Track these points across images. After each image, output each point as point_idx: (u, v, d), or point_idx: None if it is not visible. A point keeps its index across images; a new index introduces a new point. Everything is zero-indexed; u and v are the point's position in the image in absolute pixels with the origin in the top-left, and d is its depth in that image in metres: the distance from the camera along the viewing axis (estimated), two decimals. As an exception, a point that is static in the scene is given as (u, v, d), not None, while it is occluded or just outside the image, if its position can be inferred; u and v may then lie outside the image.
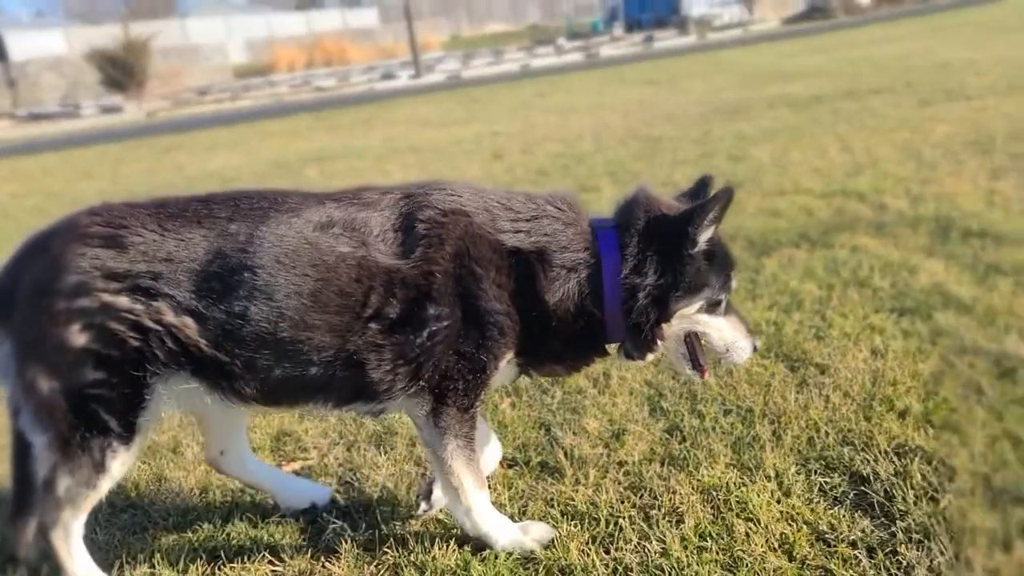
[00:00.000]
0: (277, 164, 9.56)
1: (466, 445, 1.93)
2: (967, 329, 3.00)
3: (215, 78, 32.58)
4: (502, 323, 1.84)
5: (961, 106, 8.46)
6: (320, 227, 1.79)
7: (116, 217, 1.80)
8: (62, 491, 1.83)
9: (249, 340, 1.77)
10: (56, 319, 1.73)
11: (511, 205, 1.90)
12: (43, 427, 1.79)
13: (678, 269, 1.88)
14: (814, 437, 2.40)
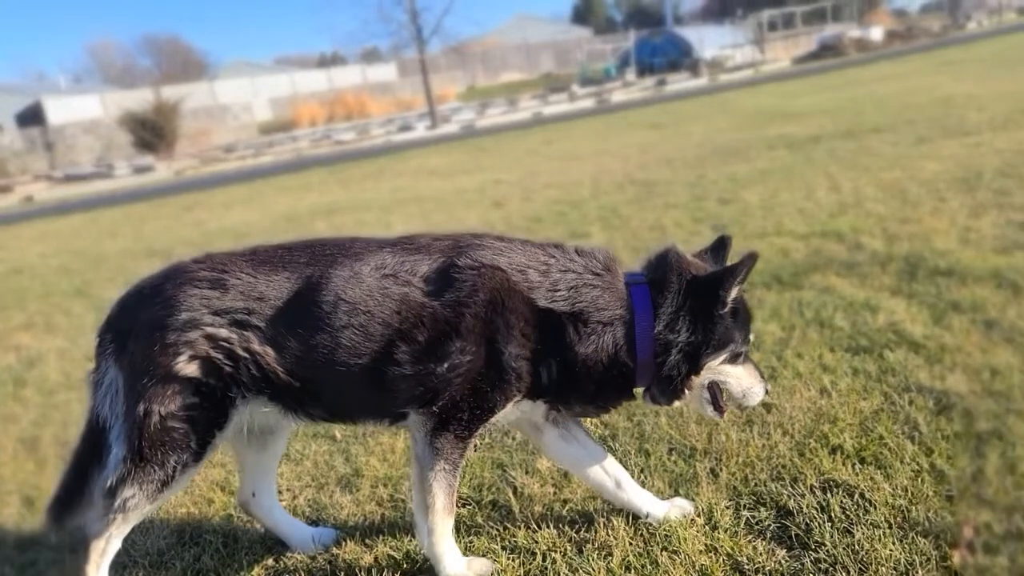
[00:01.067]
0: (287, 218, 9.95)
1: (451, 470, 2.09)
2: (914, 367, 3.10)
3: (241, 136, 33.90)
4: (520, 370, 2.02)
5: (956, 143, 8.56)
6: (375, 269, 2.04)
7: (218, 263, 2.11)
8: (121, 500, 2.04)
9: (315, 365, 2.02)
10: (168, 350, 2.00)
11: (548, 275, 2.05)
12: (129, 443, 2.02)
13: (708, 327, 2.04)
14: (749, 474, 2.51)
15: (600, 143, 14.91)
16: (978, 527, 2.06)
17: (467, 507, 2.57)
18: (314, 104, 36.90)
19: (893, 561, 1.98)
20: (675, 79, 33.65)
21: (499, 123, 25.17)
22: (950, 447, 2.47)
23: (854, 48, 33.78)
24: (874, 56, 30.49)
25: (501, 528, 2.41)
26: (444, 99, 38.87)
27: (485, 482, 2.70)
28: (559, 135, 17.93)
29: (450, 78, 44.31)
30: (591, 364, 2.03)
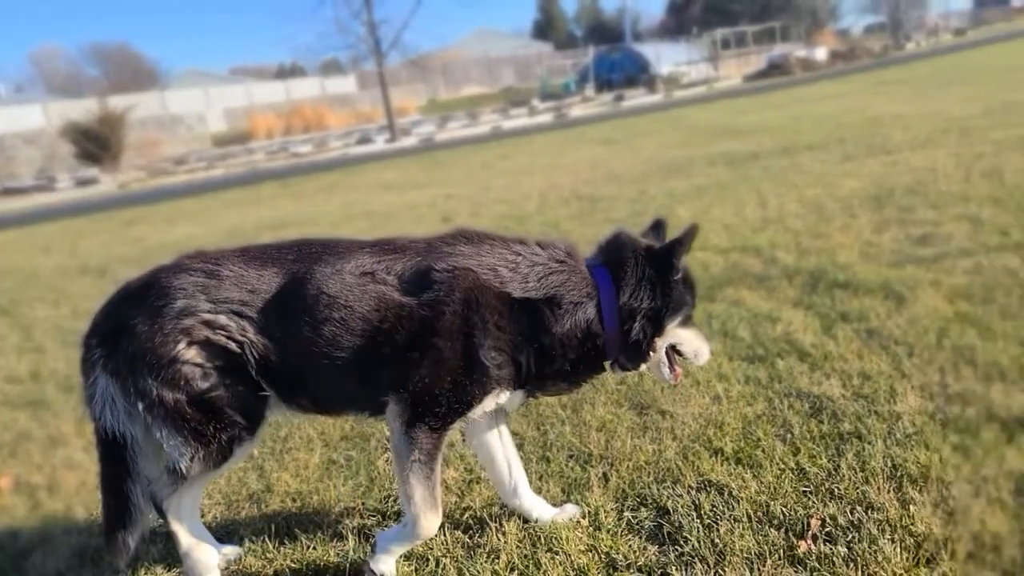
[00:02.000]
0: (232, 234, 9.94)
1: (427, 462, 2.19)
2: (798, 374, 3.35)
3: (193, 147, 33.35)
4: (497, 364, 2.16)
5: (877, 161, 9.03)
6: (356, 267, 2.16)
7: (211, 258, 2.22)
8: (189, 474, 2.17)
9: (301, 355, 2.14)
10: (167, 338, 2.08)
11: (520, 270, 2.22)
12: (176, 430, 2.11)
13: (666, 292, 2.26)
14: (636, 477, 2.71)
15: (554, 158, 15.20)
16: (824, 519, 2.29)
17: (375, 518, 2.70)
18: (271, 116, 36.57)
19: (747, 551, 2.19)
20: (632, 95, 34.35)
21: (459, 137, 25.37)
22: (815, 447, 2.71)
23: (800, 67, 34.96)
24: (818, 75, 31.61)
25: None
26: (405, 112, 38.92)
27: (394, 493, 2.84)
28: (515, 149, 18.20)
29: (411, 91, 44.40)
30: (567, 342, 2.21)
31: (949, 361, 3.25)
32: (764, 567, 2.12)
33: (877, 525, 2.21)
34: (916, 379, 3.13)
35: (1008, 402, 2.81)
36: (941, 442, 2.61)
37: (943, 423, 2.74)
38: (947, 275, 4.39)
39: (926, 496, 2.33)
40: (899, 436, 2.69)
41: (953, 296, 4.04)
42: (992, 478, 2.37)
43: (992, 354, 3.23)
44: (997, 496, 2.27)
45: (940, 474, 2.42)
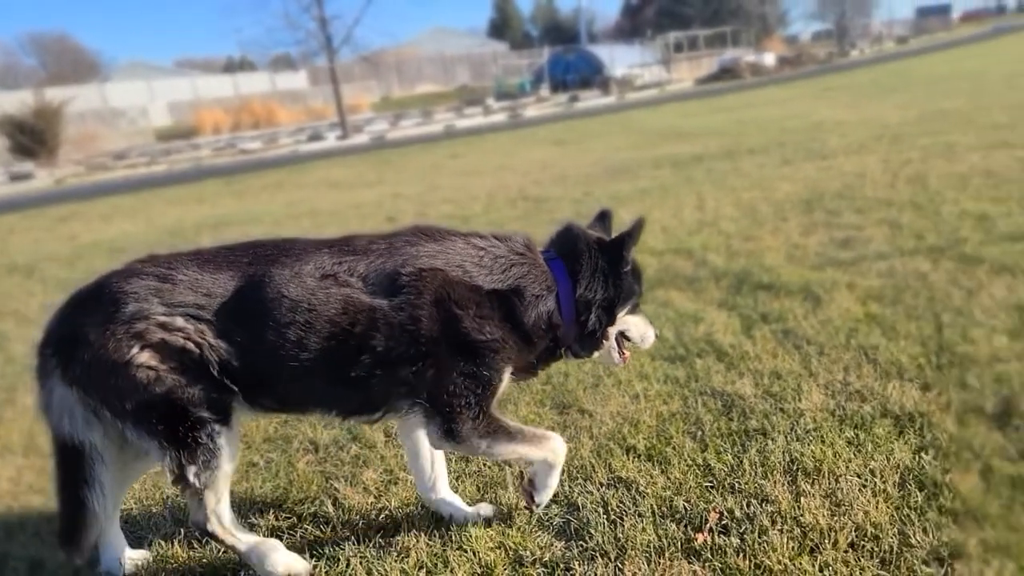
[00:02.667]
0: (171, 232, 9.72)
1: (494, 433, 2.25)
2: (715, 373, 3.46)
3: (136, 142, 32.33)
4: (495, 345, 2.22)
5: (813, 165, 9.34)
6: (316, 269, 2.16)
7: (163, 261, 2.20)
8: (193, 479, 2.15)
9: (262, 359, 2.14)
10: (120, 344, 2.05)
11: (483, 263, 2.28)
12: (148, 435, 2.12)
13: (617, 283, 2.37)
14: (550, 474, 2.77)
15: (505, 158, 15.26)
16: (722, 513, 2.39)
17: (289, 519, 2.70)
18: (218, 111, 35.72)
19: (647, 545, 2.27)
20: (587, 96, 34.68)
21: (411, 135, 25.23)
22: (722, 443, 2.81)
23: (749, 72, 35.85)
24: (766, 80, 32.47)
25: (315, 537, 2.55)
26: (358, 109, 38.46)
27: (310, 495, 2.84)
28: (467, 149, 18.20)
29: (364, 88, 43.92)
30: (534, 332, 2.30)
31: (854, 360, 3.40)
32: (662, 560, 2.20)
33: (769, 517, 2.32)
34: (822, 377, 3.27)
35: (902, 399, 2.96)
36: (837, 437, 2.74)
37: (841, 419, 2.87)
38: (863, 277, 4.59)
39: (817, 488, 2.44)
40: (799, 432, 2.82)
41: (866, 298, 4.22)
42: (879, 470, 2.50)
43: (893, 353, 3.40)
44: (882, 488, 2.40)
45: (832, 467, 2.54)
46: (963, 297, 4.02)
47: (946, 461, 2.51)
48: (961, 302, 3.94)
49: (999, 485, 2.35)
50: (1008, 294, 3.97)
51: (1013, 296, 3.92)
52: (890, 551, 2.11)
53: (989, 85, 17.19)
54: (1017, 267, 4.35)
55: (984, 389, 2.96)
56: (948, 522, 2.20)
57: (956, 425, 2.74)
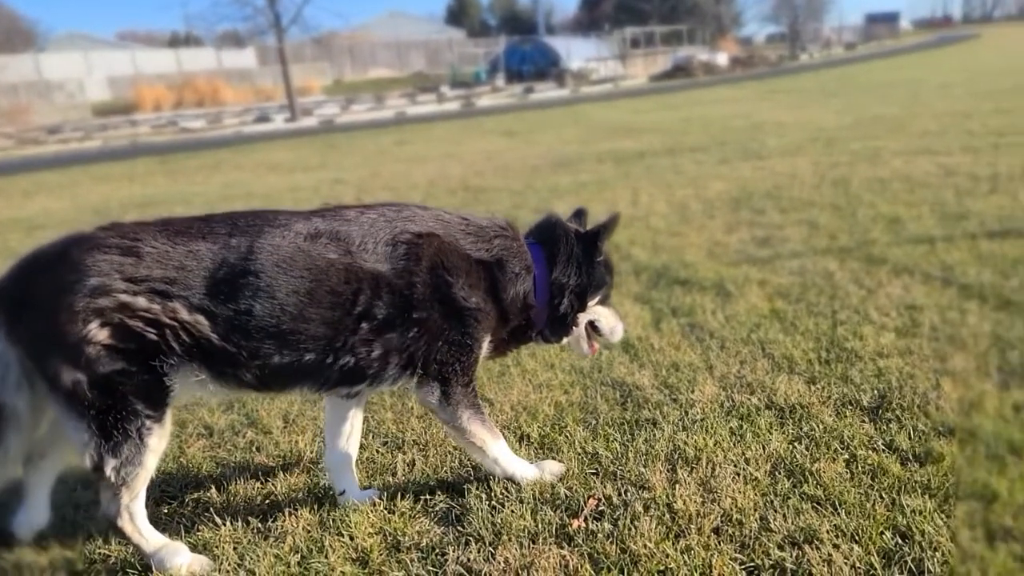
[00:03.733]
0: (96, 211, 9.37)
1: (476, 410, 2.40)
2: (619, 364, 3.53)
3: (72, 116, 31.01)
4: (476, 311, 2.29)
5: (749, 165, 9.56)
6: (310, 237, 2.14)
7: (129, 231, 2.09)
8: (111, 472, 2.07)
9: (255, 332, 2.09)
10: (77, 317, 1.96)
11: (470, 231, 2.36)
12: (78, 416, 2.02)
13: (590, 272, 2.49)
14: (440, 462, 2.78)
15: (452, 147, 15.17)
16: (600, 499, 2.44)
17: (169, 505, 2.65)
18: (160, 87, 34.49)
19: (523, 531, 2.30)
20: (542, 88, 34.71)
21: (361, 120, 24.85)
22: (613, 432, 2.87)
23: (702, 71, 36.46)
24: (717, 80, 33.07)
25: (194, 523, 2.51)
26: (308, 91, 37.69)
27: (197, 481, 2.79)
28: (416, 136, 18.03)
29: (316, 69, 43.02)
30: (511, 308, 2.37)
31: (751, 354, 3.51)
32: (536, 545, 2.24)
33: (643, 503, 2.38)
34: (718, 370, 3.36)
35: (787, 391, 3.07)
36: (721, 427, 2.83)
37: (728, 410, 2.97)
38: (774, 275, 4.73)
39: (694, 476, 2.52)
40: (687, 422, 2.89)
41: (773, 295, 4.36)
42: (754, 459, 2.59)
43: (788, 348, 3.52)
44: (754, 476, 2.49)
45: (711, 456, 2.62)
46: (862, 296, 4.19)
47: (817, 450, 2.62)
48: (859, 300, 4.10)
49: (861, 474, 2.46)
50: (904, 293, 4.15)
51: (907, 296, 4.10)
52: (750, 535, 2.19)
53: (925, 93, 17.88)
54: (916, 268, 4.55)
55: (864, 384, 3.09)
56: (808, 508, 2.29)
57: (833, 417, 2.86)
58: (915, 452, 2.55)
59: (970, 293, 4.03)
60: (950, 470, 2.41)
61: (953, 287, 4.15)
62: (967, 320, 3.66)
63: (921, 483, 2.37)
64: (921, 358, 3.29)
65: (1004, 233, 5.12)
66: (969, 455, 2.49)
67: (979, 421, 2.68)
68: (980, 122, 11.37)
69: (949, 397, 2.90)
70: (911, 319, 3.75)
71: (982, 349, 3.32)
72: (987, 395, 2.88)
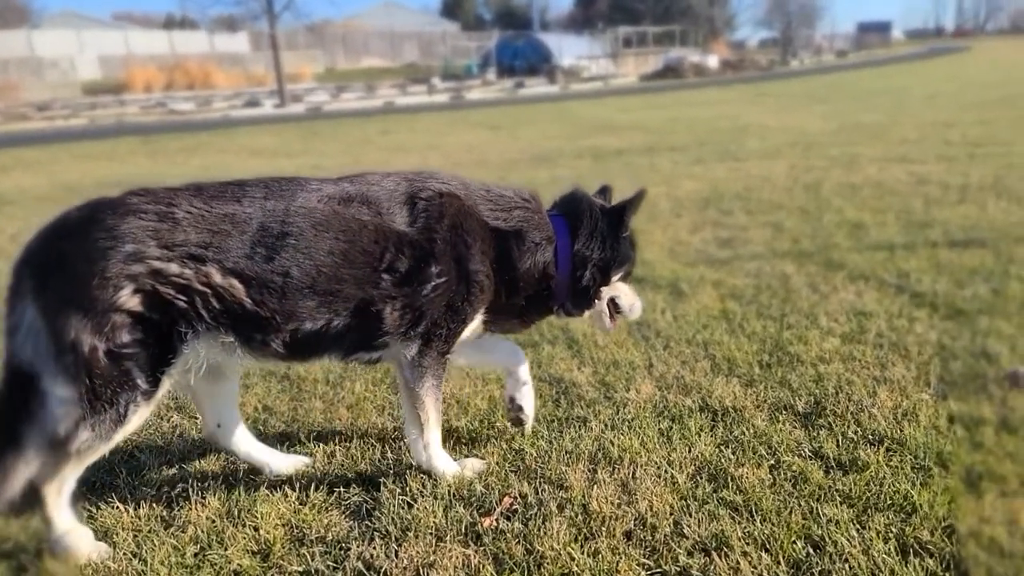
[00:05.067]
0: (69, 189, 9.20)
1: (437, 385, 2.38)
2: (560, 361, 3.46)
3: (62, 94, 30.61)
4: (483, 283, 2.31)
5: (725, 167, 9.53)
6: (343, 200, 2.17)
7: (163, 197, 2.07)
8: (76, 445, 2.00)
9: (291, 294, 2.10)
10: (109, 282, 1.94)
11: (491, 198, 2.38)
12: (74, 383, 1.95)
13: (615, 246, 2.49)
14: (363, 454, 2.71)
15: (435, 138, 15.07)
16: (516, 497, 2.37)
17: (80, 489, 2.55)
18: (152, 68, 34.14)
19: (431, 527, 2.24)
20: (532, 83, 34.60)
21: (350, 108, 24.67)
22: (543, 429, 2.81)
23: (692, 72, 36.46)
24: (707, 81, 33.09)
25: (97, 508, 2.42)
26: (300, 78, 37.43)
27: (107, 465, 2.70)
28: (401, 126, 17.91)
29: (308, 56, 42.68)
30: (527, 280, 2.37)
31: (693, 354, 3.46)
32: (442, 543, 2.17)
33: (558, 503, 2.31)
34: (658, 370, 3.31)
35: (723, 394, 3.02)
36: (651, 428, 2.77)
37: (660, 411, 2.91)
38: (731, 276, 4.69)
39: (614, 477, 2.46)
40: (617, 422, 2.83)
41: (726, 296, 4.31)
42: (678, 462, 2.54)
43: (731, 350, 3.47)
44: (675, 479, 2.44)
45: (635, 457, 2.56)
46: (815, 300, 4.15)
47: (743, 455, 2.57)
48: (810, 305, 4.06)
49: (783, 480, 2.41)
50: (856, 299, 4.12)
51: (859, 302, 4.07)
52: (661, 540, 2.14)
53: (910, 102, 17.95)
54: (872, 274, 4.52)
55: (801, 389, 3.04)
56: (724, 514, 2.24)
57: (766, 421, 2.80)
58: (841, 460, 2.50)
59: (922, 301, 4.00)
60: (872, 480, 2.36)
61: (906, 295, 4.12)
62: (914, 328, 3.62)
63: (842, 492, 2.32)
64: (863, 365, 3.24)
65: (966, 243, 5.10)
66: (895, 465, 2.45)
67: (910, 431, 2.65)
68: (960, 132, 11.40)
69: (884, 405, 2.85)
70: (859, 325, 3.71)
71: (925, 358, 3.28)
72: (923, 405, 2.84)
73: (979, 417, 2.70)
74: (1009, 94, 18.36)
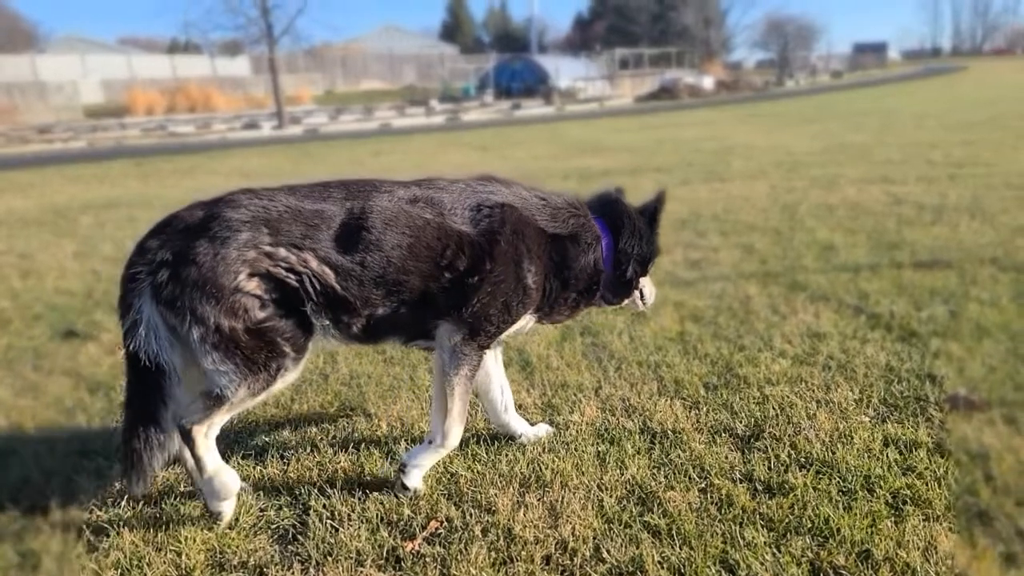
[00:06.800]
0: (56, 211, 9.29)
1: (470, 377, 2.54)
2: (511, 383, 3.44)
3: (64, 116, 30.95)
4: (533, 288, 2.53)
5: (708, 187, 9.58)
6: (410, 201, 2.40)
7: (264, 194, 2.34)
8: (232, 399, 2.26)
9: (367, 282, 2.34)
10: (231, 268, 2.18)
11: (547, 207, 2.62)
12: (228, 358, 2.22)
13: (650, 242, 2.79)
14: (300, 477, 2.71)
15: (425, 159, 15.17)
16: (443, 521, 2.38)
17: (4, 511, 2.57)
18: (154, 92, 34.51)
19: (353, 551, 2.24)
20: (529, 104, 34.86)
21: (346, 130, 24.85)
22: (481, 452, 2.81)
23: (687, 93, 36.75)
24: (702, 102, 33.34)
25: (23, 532, 2.43)
26: (299, 101, 37.78)
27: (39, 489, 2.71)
28: (393, 147, 18.03)
29: (308, 80, 43.13)
30: (581, 276, 2.63)
31: (642, 377, 3.47)
32: (361, 568, 2.17)
33: (483, 527, 2.32)
34: (604, 392, 3.32)
35: (665, 416, 3.03)
36: (588, 450, 2.77)
37: (600, 433, 2.91)
38: (694, 298, 4.71)
39: (543, 500, 2.46)
40: (556, 444, 2.84)
41: (686, 317, 4.33)
42: (609, 485, 2.54)
43: (680, 372, 3.48)
44: (603, 502, 2.44)
45: (567, 480, 2.57)
46: (773, 322, 4.16)
47: (675, 478, 2.57)
48: (767, 327, 4.08)
49: (710, 504, 2.41)
50: (813, 321, 4.13)
51: (816, 323, 4.08)
52: (579, 565, 2.14)
53: (898, 123, 18.05)
54: (833, 296, 4.54)
55: (742, 411, 3.05)
56: (646, 538, 2.24)
57: (704, 444, 2.81)
58: (769, 483, 2.50)
59: (877, 323, 4.01)
60: (796, 503, 2.36)
61: (863, 316, 4.13)
62: (865, 350, 3.63)
63: (765, 516, 2.32)
64: (808, 387, 3.25)
65: (931, 264, 5.12)
66: (822, 489, 2.45)
67: (842, 454, 2.65)
68: (943, 152, 11.47)
69: (821, 428, 2.86)
70: (811, 347, 3.72)
71: (871, 380, 3.29)
72: (860, 428, 2.85)
73: (914, 440, 2.72)
74: (997, 114, 18.47)
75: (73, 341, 4.35)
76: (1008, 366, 3.27)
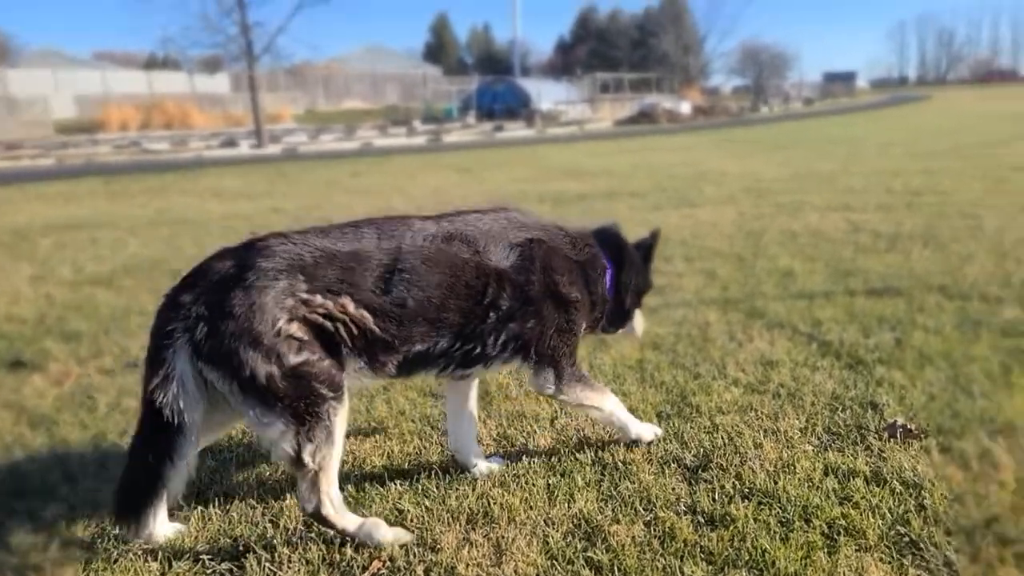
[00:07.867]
0: (15, 232, 9.16)
1: (584, 382, 2.80)
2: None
3: (35, 133, 30.60)
4: (577, 304, 2.71)
5: (679, 213, 9.72)
6: (445, 239, 2.47)
7: (297, 239, 2.34)
8: (308, 458, 2.25)
9: (406, 322, 2.38)
10: (268, 316, 2.17)
11: (567, 236, 2.81)
12: (268, 409, 2.19)
13: (644, 275, 3.05)
14: (240, 516, 2.69)
15: (403, 181, 15.21)
16: (386, 561, 2.37)
17: None
18: (129, 108, 34.27)
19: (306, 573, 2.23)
20: (511, 127, 35.16)
21: (327, 150, 24.85)
22: (431, 486, 2.81)
23: (665, 118, 37.29)
24: (679, 127, 33.84)
25: None
26: (280, 119, 37.73)
27: None
28: (372, 168, 18.05)
29: (289, 98, 43.15)
30: (597, 302, 2.83)
31: (597, 406, 3.49)
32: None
33: (426, 567, 2.31)
34: (560, 423, 3.34)
35: (617, 447, 3.04)
36: (537, 483, 2.79)
37: (551, 466, 2.93)
38: (657, 325, 4.75)
39: (490, 537, 2.46)
40: (507, 477, 2.85)
41: (646, 345, 4.37)
42: (556, 519, 2.55)
43: (635, 401, 3.51)
44: (548, 537, 2.45)
45: (514, 515, 2.58)
46: (730, 349, 4.22)
47: (622, 511, 2.59)
48: (723, 354, 4.14)
49: (653, 537, 2.43)
50: (768, 348, 4.20)
51: (770, 351, 4.15)
52: (518, 602, 2.14)
53: (864, 151, 18.46)
54: (788, 323, 4.62)
55: (692, 441, 3.08)
56: (588, 574, 2.26)
57: (653, 476, 2.84)
58: (712, 515, 2.53)
59: (828, 350, 4.09)
60: (736, 535, 2.40)
61: (815, 343, 4.22)
62: (814, 378, 3.70)
63: (706, 549, 2.35)
64: (757, 416, 3.30)
65: (883, 291, 5.24)
66: (762, 520, 2.49)
67: (784, 483, 2.69)
68: (904, 181, 11.75)
69: (767, 458, 2.90)
70: (764, 375, 3.78)
71: (816, 409, 3.35)
72: (802, 456, 2.90)
73: (853, 469, 2.77)
74: (959, 143, 18.97)
75: (20, 372, 4.28)
76: (947, 394, 3.35)
